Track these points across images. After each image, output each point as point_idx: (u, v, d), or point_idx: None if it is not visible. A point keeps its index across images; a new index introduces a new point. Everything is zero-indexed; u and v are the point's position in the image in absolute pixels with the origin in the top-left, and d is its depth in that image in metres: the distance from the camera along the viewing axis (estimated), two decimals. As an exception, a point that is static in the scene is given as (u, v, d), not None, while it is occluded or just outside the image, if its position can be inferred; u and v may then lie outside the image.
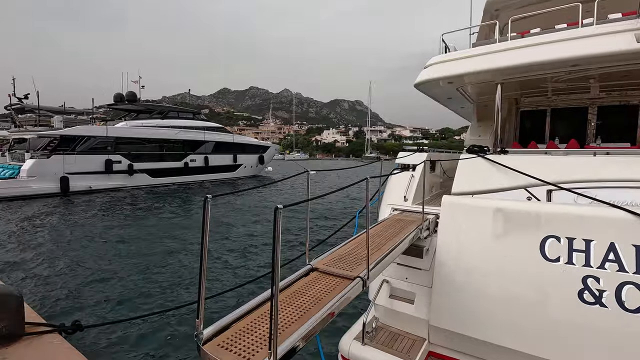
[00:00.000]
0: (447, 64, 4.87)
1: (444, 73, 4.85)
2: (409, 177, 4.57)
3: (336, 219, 12.54)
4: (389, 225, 3.62)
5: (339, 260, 2.65)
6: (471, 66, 4.62)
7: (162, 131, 22.78)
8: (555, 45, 4.13)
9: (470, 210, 3.42)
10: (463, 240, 3.35)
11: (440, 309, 3.35)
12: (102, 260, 7.55)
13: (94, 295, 5.83)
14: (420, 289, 3.65)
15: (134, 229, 10.66)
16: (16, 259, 7.60)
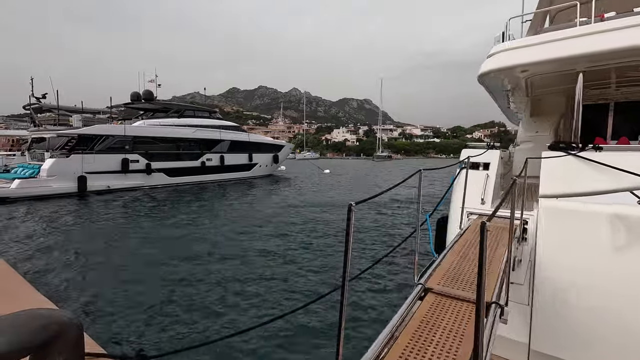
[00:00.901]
0: (522, 50, 4.37)
1: (518, 60, 4.36)
2: (483, 177, 4.10)
3: (391, 224, 11.31)
4: (477, 233, 3.17)
5: (451, 278, 2.20)
6: (552, 52, 4.11)
7: (179, 130, 22.59)
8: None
9: (578, 217, 2.93)
10: (572, 252, 2.87)
11: (544, 331, 2.88)
12: (147, 268, 6.98)
13: (147, 313, 5.11)
14: (514, 305, 3.19)
15: (169, 230, 10.36)
16: (54, 264, 7.29)
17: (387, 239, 9.31)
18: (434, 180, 27.84)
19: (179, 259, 7.40)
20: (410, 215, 12.64)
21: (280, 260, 7.44)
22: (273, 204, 15.04)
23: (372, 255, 7.80)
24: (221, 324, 4.73)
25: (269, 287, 6.00)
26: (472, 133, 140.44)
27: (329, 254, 7.84)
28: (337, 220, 11.38)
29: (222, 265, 7.10)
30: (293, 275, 6.54)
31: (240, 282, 6.18)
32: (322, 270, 6.82)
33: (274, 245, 8.60)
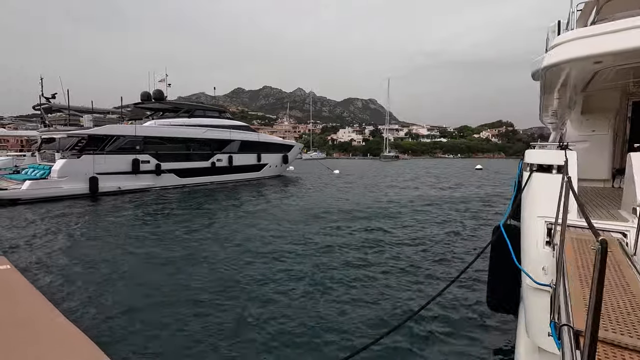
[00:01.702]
0: (600, 38, 3.88)
1: (594, 50, 3.87)
2: (558, 181, 3.63)
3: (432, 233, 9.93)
4: (579, 248, 2.70)
5: (609, 318, 1.72)
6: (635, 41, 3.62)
7: (189, 130, 22.28)
8: None
9: None
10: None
11: None
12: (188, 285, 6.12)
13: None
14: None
15: (198, 235, 9.94)
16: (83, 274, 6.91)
17: (433, 251, 8.25)
18: (456, 181, 27.22)
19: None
20: (454, 221, 11.74)
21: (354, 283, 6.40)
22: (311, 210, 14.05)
23: (431, 274, 6.73)
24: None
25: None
26: (479, 133, 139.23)
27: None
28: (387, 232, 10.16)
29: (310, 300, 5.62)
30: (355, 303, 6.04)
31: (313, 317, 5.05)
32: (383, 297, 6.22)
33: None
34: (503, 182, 26.83)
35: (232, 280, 6.29)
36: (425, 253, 8.09)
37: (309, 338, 4.44)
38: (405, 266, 7.12)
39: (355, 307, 5.30)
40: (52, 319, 3.15)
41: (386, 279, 6.41)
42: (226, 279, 6.38)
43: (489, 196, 18.09)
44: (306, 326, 4.72)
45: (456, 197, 17.83)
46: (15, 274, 3.97)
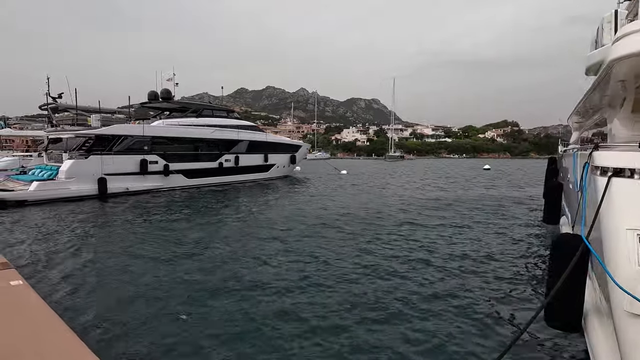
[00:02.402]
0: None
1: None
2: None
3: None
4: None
5: None
6: None
7: (198, 130, 21.92)
8: None
9: None
10: None
11: None
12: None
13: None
14: None
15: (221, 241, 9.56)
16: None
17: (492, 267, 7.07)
18: (473, 181, 26.69)
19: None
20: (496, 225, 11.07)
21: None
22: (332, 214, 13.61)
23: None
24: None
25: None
26: (484, 133, 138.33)
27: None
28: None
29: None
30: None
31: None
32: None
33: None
34: (518, 182, 26.30)
35: (252, 290, 5.88)
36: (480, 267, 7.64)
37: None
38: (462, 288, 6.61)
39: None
40: (64, 342, 2.79)
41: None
42: (246, 288, 5.97)
43: (517, 198, 17.59)
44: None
45: (483, 197, 17.33)
46: (28, 289, 3.56)
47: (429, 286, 6.07)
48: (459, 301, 5.47)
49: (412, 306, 5.30)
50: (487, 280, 6.39)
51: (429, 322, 4.81)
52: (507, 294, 5.79)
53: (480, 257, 7.73)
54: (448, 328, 4.66)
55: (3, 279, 3.63)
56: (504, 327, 4.73)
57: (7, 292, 3.37)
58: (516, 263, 7.39)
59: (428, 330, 4.59)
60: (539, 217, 12.44)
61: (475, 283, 6.24)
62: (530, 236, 9.78)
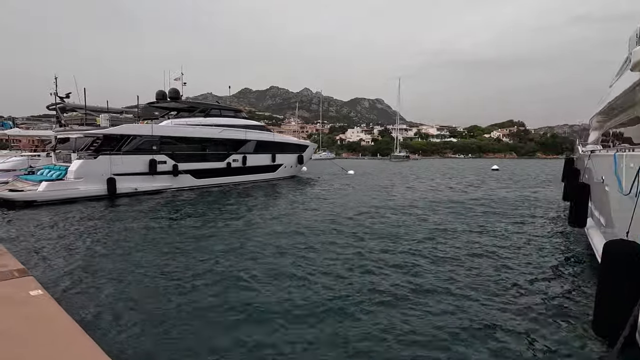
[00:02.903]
0: None
1: None
2: None
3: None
4: None
5: None
6: None
7: (206, 130, 21.74)
8: None
9: None
10: None
11: None
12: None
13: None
14: None
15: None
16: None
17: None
18: (486, 182, 26.29)
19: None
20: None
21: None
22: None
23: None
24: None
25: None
26: (489, 132, 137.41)
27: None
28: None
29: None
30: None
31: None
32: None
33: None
34: (529, 183, 25.87)
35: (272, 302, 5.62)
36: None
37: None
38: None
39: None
40: (89, 356, 2.58)
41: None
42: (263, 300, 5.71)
43: (533, 199, 17.22)
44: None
45: (501, 199, 16.97)
46: (48, 300, 3.34)
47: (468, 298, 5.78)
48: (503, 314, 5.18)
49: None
50: (524, 289, 6.09)
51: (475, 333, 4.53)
52: (552, 304, 5.48)
53: (513, 264, 7.41)
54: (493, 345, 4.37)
55: (22, 288, 3.41)
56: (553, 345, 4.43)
57: (28, 303, 3.14)
58: (549, 268, 7.08)
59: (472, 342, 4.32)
60: (560, 219, 12.11)
61: (515, 293, 5.94)
62: (558, 239, 9.44)
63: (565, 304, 5.39)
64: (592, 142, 14.38)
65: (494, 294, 5.72)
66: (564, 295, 5.71)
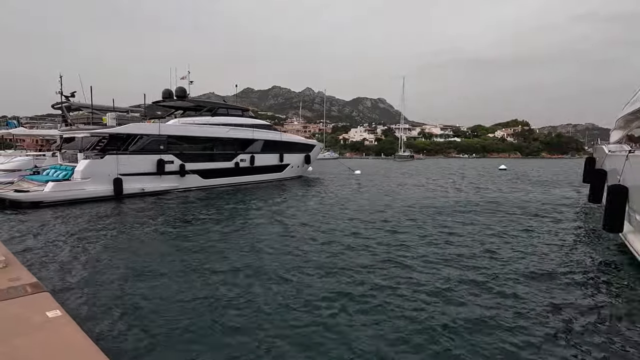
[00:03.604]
0: None
1: None
2: None
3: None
4: None
5: None
6: None
7: (214, 129, 21.34)
8: None
9: None
10: None
11: None
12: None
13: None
14: None
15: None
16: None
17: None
18: (500, 183, 25.76)
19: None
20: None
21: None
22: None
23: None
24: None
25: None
26: (494, 132, 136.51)
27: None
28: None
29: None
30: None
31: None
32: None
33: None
34: (542, 183, 25.33)
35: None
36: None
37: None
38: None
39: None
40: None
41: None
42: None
43: (553, 200, 16.74)
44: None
45: (521, 200, 16.50)
46: (68, 322, 2.93)
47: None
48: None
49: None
50: (568, 301, 5.64)
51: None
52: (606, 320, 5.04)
53: (553, 272, 6.96)
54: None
55: (38, 308, 2.99)
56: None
57: (46, 327, 2.72)
58: (592, 280, 6.62)
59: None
60: (590, 222, 11.62)
61: (555, 307, 5.50)
62: (596, 247, 8.92)
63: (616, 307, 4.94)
64: (615, 141, 13.89)
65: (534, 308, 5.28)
66: (611, 303, 5.27)
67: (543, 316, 4.96)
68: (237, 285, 6.09)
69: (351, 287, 6.00)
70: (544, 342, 4.29)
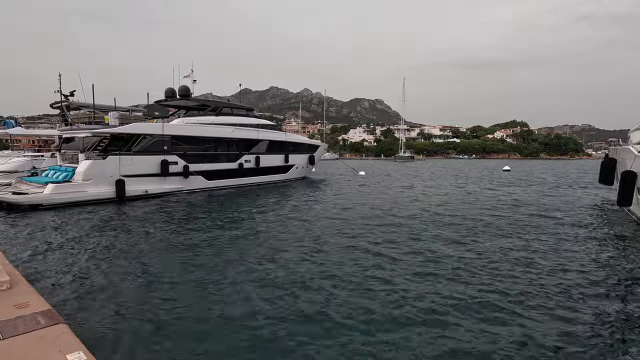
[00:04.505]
0: None
1: None
2: None
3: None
4: None
5: None
6: None
7: (219, 129, 20.69)
8: None
9: None
10: None
11: None
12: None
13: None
14: None
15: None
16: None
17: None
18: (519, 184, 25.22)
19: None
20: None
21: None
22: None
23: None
24: None
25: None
26: (493, 133, 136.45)
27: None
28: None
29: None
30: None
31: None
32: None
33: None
34: (554, 184, 24.86)
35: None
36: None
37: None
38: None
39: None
40: None
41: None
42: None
43: (574, 202, 16.23)
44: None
45: (546, 203, 15.97)
46: (70, 336, 2.32)
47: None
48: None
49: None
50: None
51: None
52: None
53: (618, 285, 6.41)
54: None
55: (55, 348, 2.38)
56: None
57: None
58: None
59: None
60: (621, 223, 11.06)
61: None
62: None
63: None
64: (638, 142, 13.45)
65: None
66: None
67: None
68: (280, 319, 5.48)
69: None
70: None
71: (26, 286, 3.40)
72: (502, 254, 7.99)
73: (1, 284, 3.17)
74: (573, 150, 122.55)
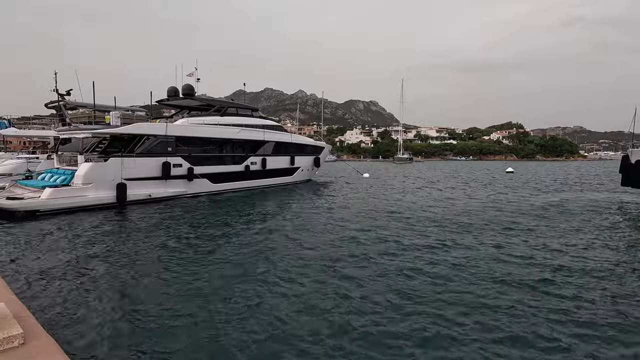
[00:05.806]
0: None
1: None
2: None
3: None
4: None
5: None
6: None
7: (225, 130, 19.76)
8: None
9: None
10: None
11: None
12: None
13: None
14: None
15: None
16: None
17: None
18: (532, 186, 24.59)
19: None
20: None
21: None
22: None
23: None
24: None
25: None
26: (489, 134, 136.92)
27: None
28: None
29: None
30: None
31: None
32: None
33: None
34: (564, 185, 24.35)
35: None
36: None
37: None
38: None
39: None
40: None
41: None
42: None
43: (593, 204, 15.61)
44: None
45: (569, 204, 15.30)
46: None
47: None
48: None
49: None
50: None
51: None
52: None
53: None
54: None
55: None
56: None
57: None
58: None
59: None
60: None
61: None
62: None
63: None
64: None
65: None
66: None
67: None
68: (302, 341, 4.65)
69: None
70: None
71: (44, 337, 2.51)
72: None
73: (12, 339, 2.29)
74: (568, 151, 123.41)
